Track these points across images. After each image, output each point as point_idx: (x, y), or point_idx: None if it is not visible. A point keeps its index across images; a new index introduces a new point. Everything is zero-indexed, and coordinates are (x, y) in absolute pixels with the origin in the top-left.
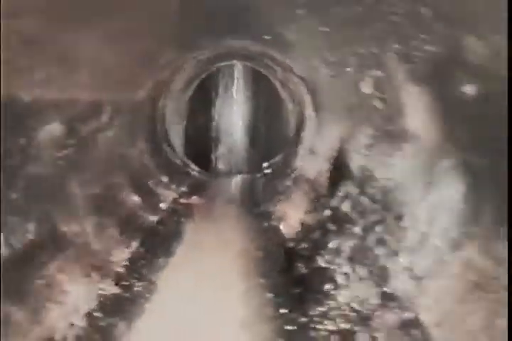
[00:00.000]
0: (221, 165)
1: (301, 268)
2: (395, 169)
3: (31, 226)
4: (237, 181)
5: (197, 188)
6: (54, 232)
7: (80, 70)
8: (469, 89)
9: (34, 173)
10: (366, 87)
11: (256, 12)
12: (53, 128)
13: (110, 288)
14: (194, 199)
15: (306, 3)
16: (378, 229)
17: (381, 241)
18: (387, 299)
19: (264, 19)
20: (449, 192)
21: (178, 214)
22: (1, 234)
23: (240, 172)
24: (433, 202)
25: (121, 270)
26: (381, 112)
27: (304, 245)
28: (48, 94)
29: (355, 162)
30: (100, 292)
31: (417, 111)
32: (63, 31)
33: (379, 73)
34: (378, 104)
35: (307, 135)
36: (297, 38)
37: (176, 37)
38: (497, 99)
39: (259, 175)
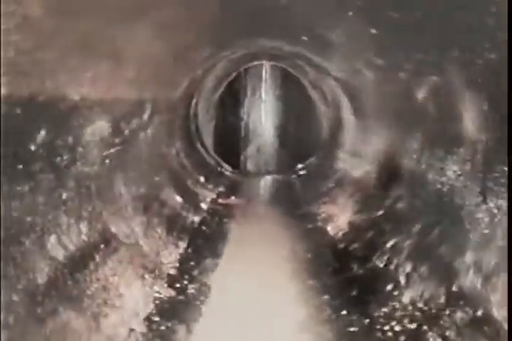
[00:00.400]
0: (250, 165)
1: (356, 269)
2: (450, 173)
3: (84, 227)
4: (268, 181)
5: (232, 188)
6: (105, 233)
7: (127, 67)
8: None
9: (83, 173)
10: (420, 93)
11: (295, 13)
12: (100, 127)
13: (164, 291)
14: (233, 200)
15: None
16: (435, 231)
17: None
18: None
19: (304, 20)
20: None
21: (220, 214)
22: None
23: (269, 173)
24: (492, 206)
25: (172, 272)
26: (434, 117)
27: (355, 245)
28: (95, 93)
29: (406, 165)
30: (156, 295)
31: (473, 117)
32: (113, 27)
33: (434, 79)
34: (431, 109)
35: (347, 138)
36: (339, 40)
37: (213, 35)
38: None
39: (294, 176)
